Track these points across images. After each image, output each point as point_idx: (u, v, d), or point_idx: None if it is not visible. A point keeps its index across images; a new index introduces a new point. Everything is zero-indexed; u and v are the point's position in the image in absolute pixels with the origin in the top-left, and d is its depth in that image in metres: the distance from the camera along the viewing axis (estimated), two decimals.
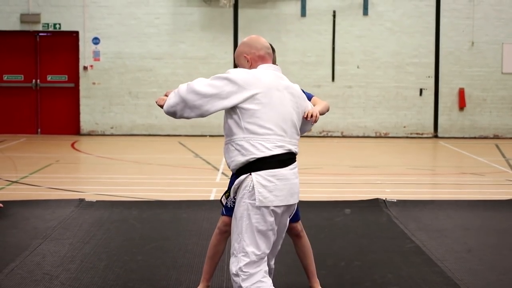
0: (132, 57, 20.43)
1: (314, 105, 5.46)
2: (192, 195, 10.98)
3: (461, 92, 20.75)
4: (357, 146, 18.93)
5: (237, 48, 5.14)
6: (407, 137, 20.72)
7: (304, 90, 5.41)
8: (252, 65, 5.03)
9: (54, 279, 6.36)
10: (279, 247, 5.20)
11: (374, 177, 13.24)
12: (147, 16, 20.40)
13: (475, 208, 9.97)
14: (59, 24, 20.32)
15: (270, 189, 4.76)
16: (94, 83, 20.44)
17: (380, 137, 20.77)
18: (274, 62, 5.34)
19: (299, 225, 5.79)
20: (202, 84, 4.92)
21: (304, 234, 5.85)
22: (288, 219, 5.11)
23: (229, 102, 4.88)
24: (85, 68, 20.38)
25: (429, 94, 20.84)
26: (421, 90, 20.81)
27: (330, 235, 8.31)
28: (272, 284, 4.76)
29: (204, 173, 13.43)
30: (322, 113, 5.40)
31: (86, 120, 20.55)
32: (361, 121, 20.82)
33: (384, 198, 10.17)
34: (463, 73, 20.79)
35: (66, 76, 20.59)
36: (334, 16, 20.59)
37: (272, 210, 4.77)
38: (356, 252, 7.49)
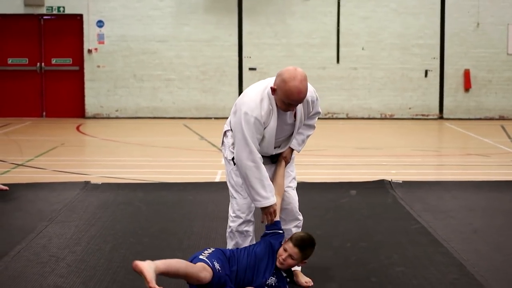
0: (137, 40, 20.39)
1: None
2: (197, 177, 10.98)
3: (467, 74, 20.68)
4: (362, 127, 18.91)
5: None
6: (412, 119, 20.68)
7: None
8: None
9: (60, 261, 6.37)
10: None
11: (379, 158, 13.23)
12: None
13: (481, 189, 9.96)
14: (63, 7, 20.28)
15: None
16: (98, 66, 20.42)
17: (385, 118, 20.73)
18: None
19: None
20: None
21: None
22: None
23: None
24: (89, 51, 20.35)
25: (435, 75, 20.79)
26: (426, 72, 20.74)
27: (336, 217, 8.31)
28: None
29: (209, 155, 13.43)
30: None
31: (91, 103, 20.54)
32: (366, 103, 20.78)
33: (390, 179, 10.16)
34: (468, 54, 20.72)
35: (71, 59, 20.57)
36: None
37: None
38: (361, 233, 7.49)
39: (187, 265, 5.04)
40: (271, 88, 5.43)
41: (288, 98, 5.34)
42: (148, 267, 4.87)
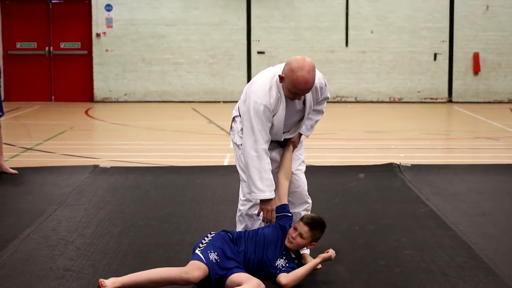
0: (145, 24, 20.37)
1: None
2: (206, 160, 11.00)
3: (476, 57, 20.61)
4: (370, 111, 18.88)
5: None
6: (421, 102, 20.64)
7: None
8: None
9: (69, 244, 6.40)
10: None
11: (388, 142, 13.22)
12: None
13: (490, 172, 9.94)
14: None
15: None
16: (107, 50, 20.42)
17: (394, 102, 20.69)
18: None
19: None
20: None
21: None
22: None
23: None
24: (98, 35, 20.34)
25: (443, 58, 20.72)
26: (435, 55, 20.68)
27: (344, 200, 8.31)
28: None
29: (218, 139, 13.44)
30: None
31: (100, 87, 20.55)
32: (374, 86, 20.74)
33: (398, 163, 10.15)
34: (477, 37, 20.63)
35: (79, 43, 20.58)
36: None
37: None
38: (370, 217, 7.49)
39: (163, 272, 5.03)
40: (279, 76, 5.45)
41: (295, 88, 5.37)
42: (106, 282, 4.91)
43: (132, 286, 4.94)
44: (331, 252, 5.38)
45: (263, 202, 5.53)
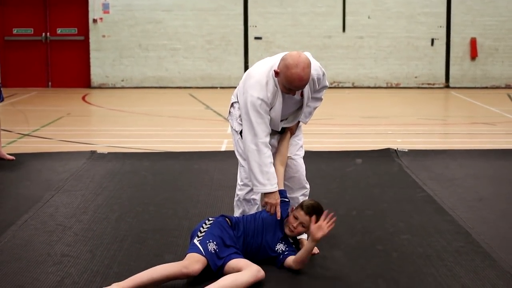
0: (142, 9, 20.32)
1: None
2: (203, 146, 11.01)
3: (473, 42, 20.59)
4: (368, 96, 18.87)
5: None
6: (418, 88, 20.63)
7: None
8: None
9: (67, 229, 6.41)
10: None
11: (385, 127, 13.22)
12: None
13: (487, 157, 9.95)
14: None
15: None
16: (104, 36, 20.37)
17: (391, 87, 20.68)
18: None
19: None
20: None
21: None
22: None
23: None
24: (94, 21, 20.29)
25: (441, 44, 20.70)
26: (432, 40, 20.65)
27: (342, 185, 8.33)
28: None
29: (215, 125, 13.44)
30: None
31: (97, 73, 20.52)
32: (372, 72, 20.72)
33: (396, 148, 10.16)
34: (475, 22, 20.60)
35: (76, 29, 20.52)
36: None
37: None
38: (367, 202, 7.50)
39: (164, 269, 5.02)
40: (274, 71, 5.48)
41: (289, 84, 5.40)
42: None
43: (135, 286, 4.93)
44: (312, 228, 5.30)
45: (267, 195, 5.55)
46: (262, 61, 5.76)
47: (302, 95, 5.67)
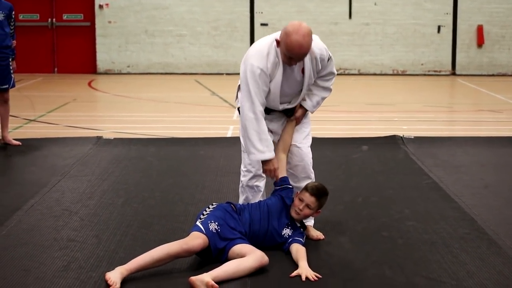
0: None
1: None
2: (209, 132, 11.02)
3: (480, 29, 20.52)
4: (374, 83, 18.85)
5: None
6: (424, 75, 20.58)
7: None
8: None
9: (73, 214, 6.43)
10: None
11: (391, 114, 13.21)
12: None
13: (492, 145, 9.95)
14: None
15: None
16: (110, 22, 20.35)
17: (397, 74, 20.63)
18: None
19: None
20: None
21: None
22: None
23: None
24: (100, 6, 20.27)
25: (447, 31, 20.63)
26: (439, 27, 20.59)
27: (347, 172, 8.33)
28: None
29: (221, 111, 13.45)
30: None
31: (103, 59, 20.50)
32: (378, 59, 20.68)
33: (401, 135, 10.16)
34: (481, 9, 20.53)
35: (82, 15, 20.51)
36: None
37: None
38: (373, 188, 7.51)
39: (165, 248, 5.02)
40: (276, 40, 5.46)
41: (289, 51, 5.36)
42: (113, 276, 4.86)
43: (139, 269, 4.95)
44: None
45: (265, 163, 5.58)
46: (264, 37, 5.74)
47: (303, 71, 5.64)
